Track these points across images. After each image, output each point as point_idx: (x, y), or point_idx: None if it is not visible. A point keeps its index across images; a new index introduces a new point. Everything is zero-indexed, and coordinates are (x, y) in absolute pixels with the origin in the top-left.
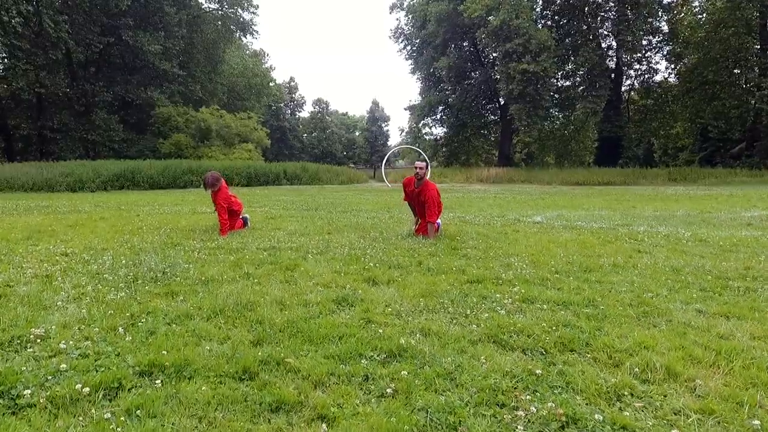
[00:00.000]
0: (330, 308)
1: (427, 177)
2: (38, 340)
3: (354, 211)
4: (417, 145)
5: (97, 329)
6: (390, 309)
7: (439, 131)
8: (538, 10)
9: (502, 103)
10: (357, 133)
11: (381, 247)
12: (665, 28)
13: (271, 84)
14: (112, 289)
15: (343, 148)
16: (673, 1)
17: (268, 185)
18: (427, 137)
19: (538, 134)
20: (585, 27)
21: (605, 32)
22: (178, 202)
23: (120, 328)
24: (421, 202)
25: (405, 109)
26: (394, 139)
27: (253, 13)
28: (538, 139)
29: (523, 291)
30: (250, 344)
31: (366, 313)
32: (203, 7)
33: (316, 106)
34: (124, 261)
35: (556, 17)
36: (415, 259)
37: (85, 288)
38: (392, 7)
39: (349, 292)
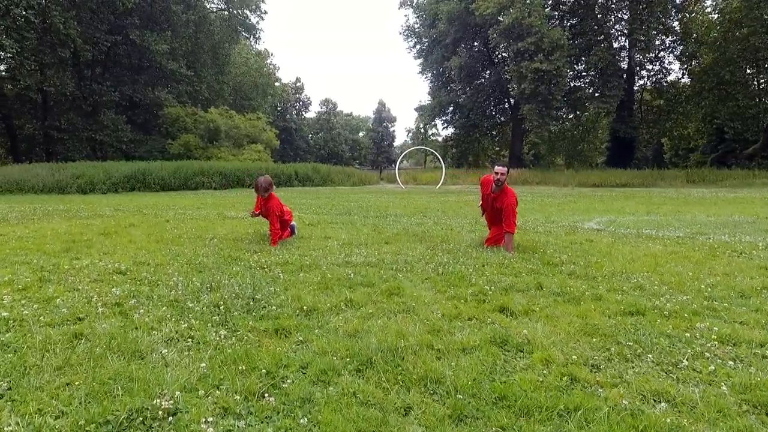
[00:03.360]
0: (497, 355)
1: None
2: (168, 417)
3: (391, 216)
4: (424, 146)
5: (237, 397)
6: (576, 357)
7: (448, 132)
8: (548, 9)
9: (512, 103)
10: (361, 134)
11: (470, 263)
12: (678, 28)
13: (276, 84)
14: (208, 324)
15: (348, 148)
16: (685, 0)
17: (280, 187)
18: (433, 138)
19: (548, 135)
20: (596, 26)
21: (617, 32)
22: (199, 206)
23: (265, 395)
24: (497, 208)
25: (415, 110)
26: (400, 139)
27: (260, 16)
28: (548, 140)
29: (716, 328)
30: (450, 421)
31: (550, 363)
32: (210, 7)
33: (323, 107)
34: (197, 283)
35: (566, 17)
36: (524, 278)
37: (176, 324)
38: (402, 4)
39: (499, 329)
